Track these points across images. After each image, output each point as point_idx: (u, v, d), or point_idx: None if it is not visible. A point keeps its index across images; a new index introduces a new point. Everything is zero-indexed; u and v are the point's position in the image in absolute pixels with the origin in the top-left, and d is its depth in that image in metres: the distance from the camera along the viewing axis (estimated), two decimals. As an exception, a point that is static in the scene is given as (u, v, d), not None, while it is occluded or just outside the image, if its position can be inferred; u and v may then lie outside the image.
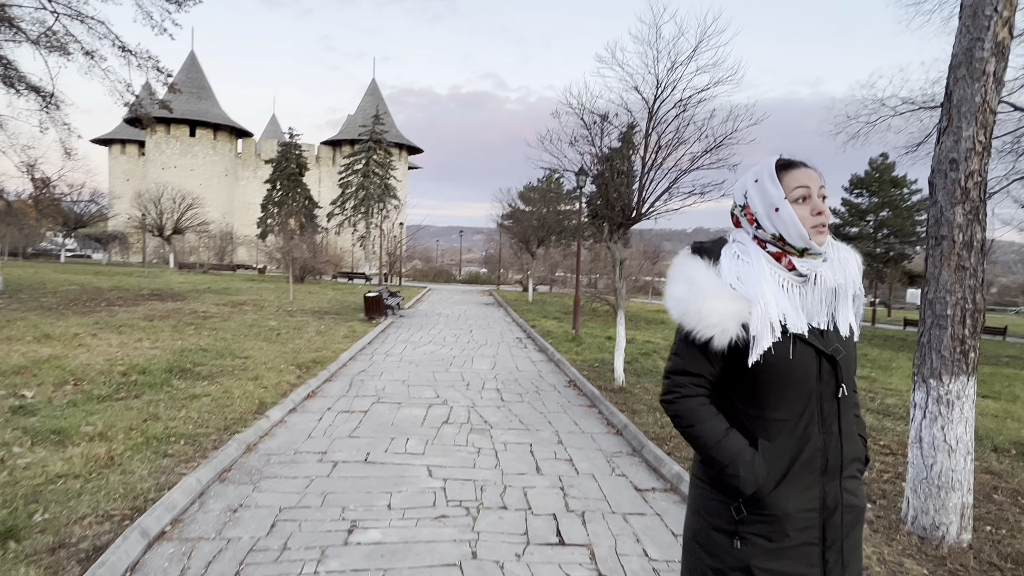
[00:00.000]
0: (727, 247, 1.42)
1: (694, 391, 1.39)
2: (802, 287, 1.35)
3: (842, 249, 1.44)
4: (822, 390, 1.32)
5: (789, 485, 1.31)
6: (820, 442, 1.32)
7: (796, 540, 1.31)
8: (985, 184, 3.45)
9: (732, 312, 1.29)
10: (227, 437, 4.78)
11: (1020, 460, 5.53)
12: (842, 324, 1.36)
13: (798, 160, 1.38)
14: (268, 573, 2.93)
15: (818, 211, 1.33)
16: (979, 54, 3.39)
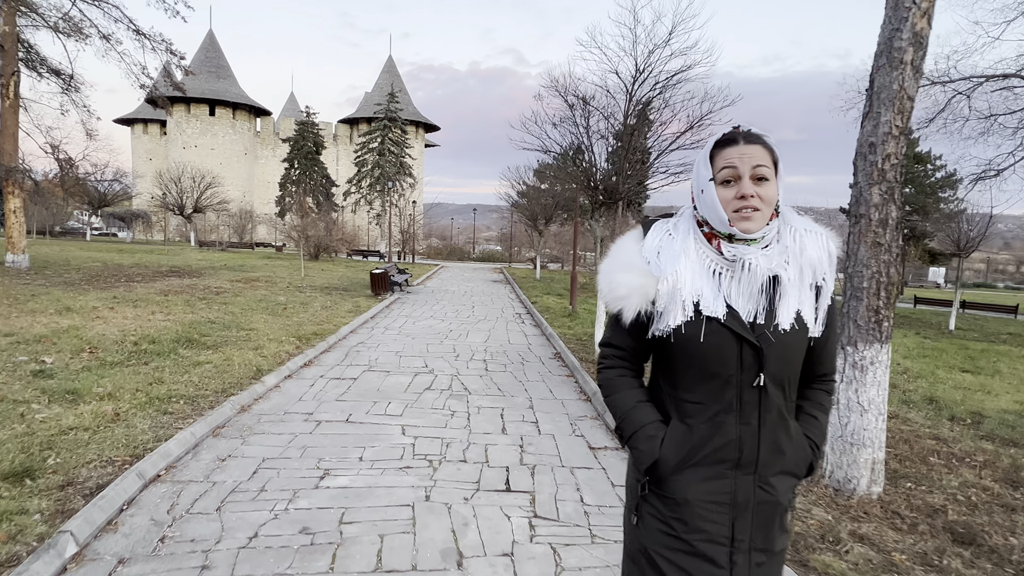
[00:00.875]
0: (661, 222, 1.38)
1: (615, 363, 1.42)
2: (731, 271, 1.27)
3: (806, 235, 1.31)
4: (742, 378, 1.25)
5: (695, 472, 1.27)
6: (735, 433, 1.26)
7: (700, 535, 1.26)
8: (902, 166, 3.71)
9: (637, 286, 1.28)
10: (223, 399, 5.27)
11: (972, 429, 5.81)
12: (783, 314, 1.26)
13: (742, 135, 1.27)
14: (244, 509, 3.39)
15: (741, 195, 1.23)
16: (898, 44, 3.63)
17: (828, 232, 1.34)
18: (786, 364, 1.28)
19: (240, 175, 64.30)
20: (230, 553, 2.92)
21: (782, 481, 1.31)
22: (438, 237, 70.38)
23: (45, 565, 2.63)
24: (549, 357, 8.47)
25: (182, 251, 32.26)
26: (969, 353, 10.93)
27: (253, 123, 67.61)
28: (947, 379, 8.28)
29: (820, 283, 1.31)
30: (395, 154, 55.03)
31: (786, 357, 1.27)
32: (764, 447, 1.27)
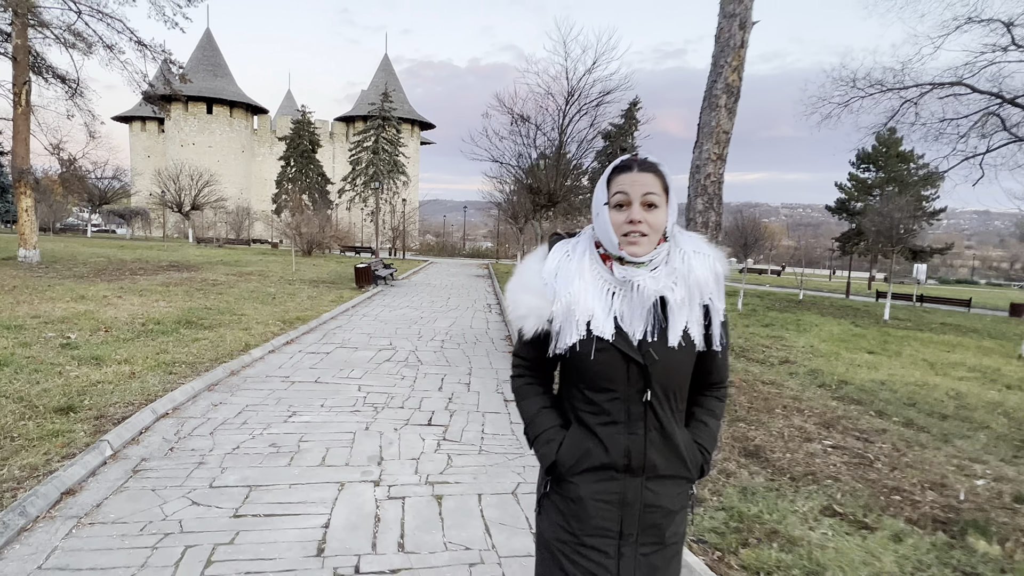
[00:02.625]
0: (562, 243, 1.45)
1: (522, 372, 1.51)
2: (622, 292, 1.35)
3: (695, 255, 1.40)
4: (629, 393, 1.33)
5: (589, 474, 1.36)
6: (623, 442, 1.34)
7: (592, 529, 1.37)
8: (721, 181, 4.98)
9: (535, 307, 1.37)
10: (216, 365, 6.53)
11: (830, 392, 7.08)
12: (671, 333, 1.33)
13: (637, 163, 1.36)
14: (230, 433, 4.65)
15: (631, 219, 1.31)
16: (715, 92, 4.89)
17: (716, 253, 1.42)
18: (672, 379, 1.35)
19: (237, 173, 65.41)
20: (218, 456, 4.18)
21: (670, 484, 1.39)
22: (433, 234, 71.48)
23: (93, 457, 3.90)
24: (501, 338, 9.75)
25: (180, 247, 33.47)
26: (886, 339, 12.21)
27: (250, 121, 68.69)
28: (846, 357, 9.56)
29: (708, 302, 1.38)
30: (389, 152, 56.20)
31: (672, 373, 1.34)
32: (651, 455, 1.35)
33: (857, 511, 3.68)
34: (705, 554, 3.07)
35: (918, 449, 5.07)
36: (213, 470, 3.94)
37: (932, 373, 8.74)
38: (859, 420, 5.87)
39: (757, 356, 9.20)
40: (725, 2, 4.91)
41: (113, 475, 3.79)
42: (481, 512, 3.54)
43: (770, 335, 11.58)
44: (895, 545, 3.26)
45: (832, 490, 4.00)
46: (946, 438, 5.47)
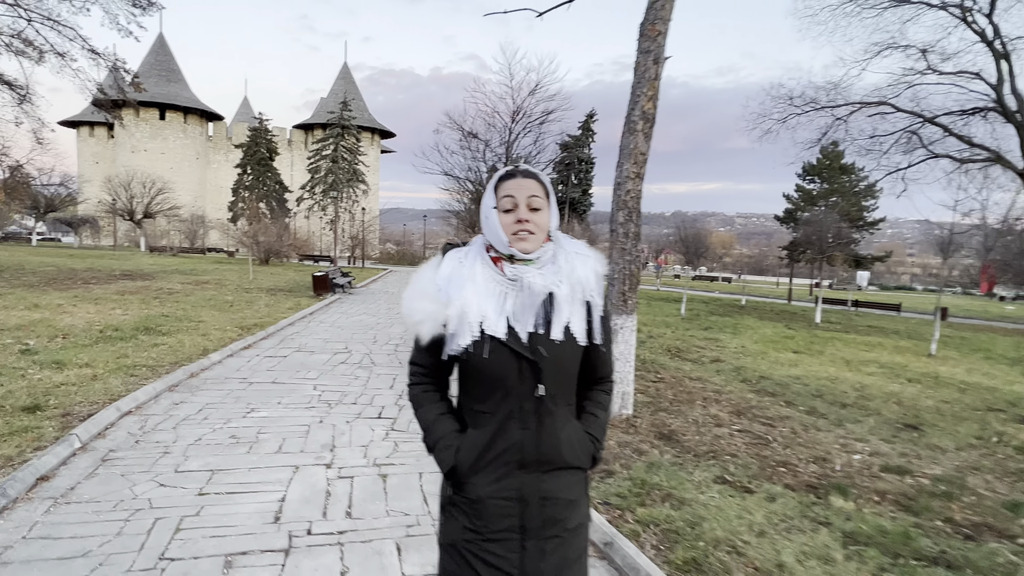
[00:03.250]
0: (454, 251, 1.52)
1: (419, 379, 1.55)
2: (512, 291, 1.42)
3: (577, 256, 1.50)
4: (521, 389, 1.39)
5: (486, 473, 1.42)
6: (517, 437, 1.40)
7: (496, 526, 1.41)
8: (639, 196, 5.62)
9: (430, 312, 1.42)
10: (177, 368, 6.84)
11: (750, 386, 7.82)
12: (556, 327, 1.41)
13: (520, 171, 1.47)
14: (192, 427, 5.03)
15: (518, 219, 1.41)
16: (633, 118, 5.55)
17: (596, 255, 1.53)
18: (561, 374, 1.43)
19: (192, 180, 64.17)
20: (182, 447, 4.57)
21: (565, 476, 1.46)
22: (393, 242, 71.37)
23: (63, 448, 4.25)
24: (453, 342, 10.24)
25: (133, 256, 32.82)
26: (813, 340, 13.18)
27: (205, 128, 67.52)
28: (772, 356, 10.40)
29: (589, 299, 1.47)
30: (348, 161, 56.05)
31: (560, 367, 1.42)
32: (544, 449, 1.42)
33: (744, 480, 4.32)
34: (608, 513, 3.65)
35: (813, 432, 5.80)
36: (177, 458, 4.33)
37: (846, 369, 9.62)
38: (768, 409, 6.59)
39: (691, 356, 9.93)
40: (642, 40, 5.58)
41: (83, 464, 4.14)
42: (421, 487, 4.04)
43: (707, 337, 12.39)
44: (768, 504, 3.91)
45: (728, 464, 4.64)
46: (840, 423, 6.22)
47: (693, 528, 3.45)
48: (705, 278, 56.28)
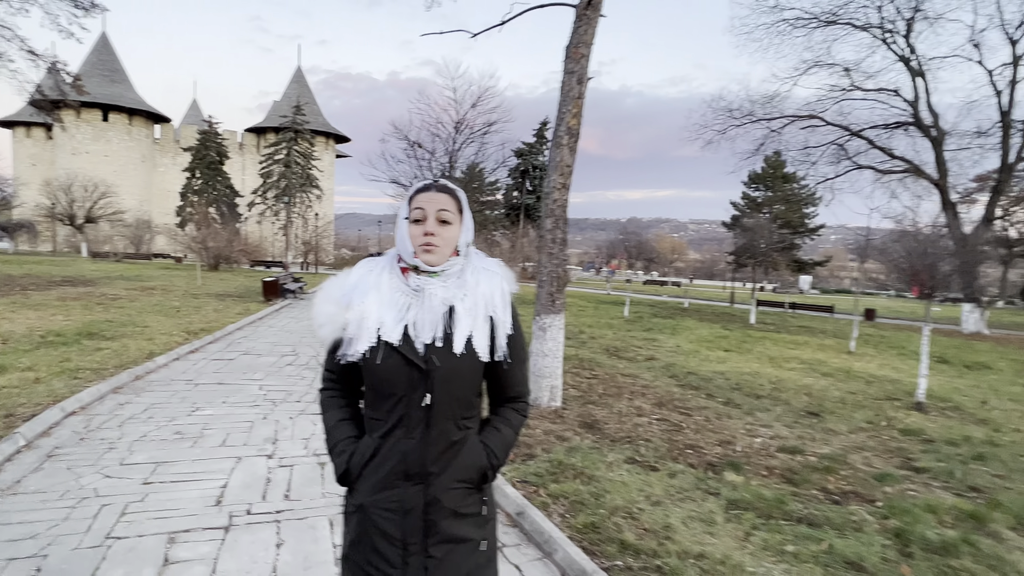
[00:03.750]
0: (368, 260, 1.55)
1: (328, 385, 1.57)
2: (414, 302, 1.44)
3: (484, 272, 1.52)
4: (412, 397, 1.39)
5: (371, 479, 1.43)
6: (402, 446, 1.41)
7: (378, 539, 1.42)
8: (565, 205, 6.10)
9: (331, 315, 1.45)
10: (121, 371, 6.96)
11: (676, 380, 8.39)
12: (457, 340, 1.42)
13: (434, 185, 1.49)
14: (138, 426, 5.23)
15: (426, 231, 1.42)
16: (559, 133, 6.03)
17: (505, 273, 1.55)
18: (455, 386, 1.42)
19: (137, 184, 62.18)
20: (127, 443, 4.78)
21: (453, 491, 1.44)
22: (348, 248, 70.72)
23: (8, 446, 4.41)
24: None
25: (74, 262, 31.76)
26: (745, 339, 13.99)
27: (151, 130, 65.55)
28: (704, 354, 11.07)
29: (492, 314, 1.49)
30: (301, 166, 55.42)
31: (455, 379, 1.41)
32: (429, 460, 1.41)
33: (652, 460, 4.82)
34: (524, 489, 4.07)
35: (725, 420, 6.37)
36: (123, 452, 4.55)
37: (769, 365, 10.35)
38: (689, 401, 7.15)
39: (628, 355, 10.51)
40: (567, 62, 6.08)
41: (29, 460, 4.33)
42: (356, 472, 4.37)
43: (645, 337, 13.03)
44: (669, 479, 4.40)
45: (640, 447, 5.14)
46: (751, 412, 6.83)
47: (597, 499, 3.91)
48: (655, 283, 57.83)
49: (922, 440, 6.04)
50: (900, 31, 20.20)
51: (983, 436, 6.31)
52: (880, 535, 3.66)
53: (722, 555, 3.25)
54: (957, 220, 20.27)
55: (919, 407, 7.54)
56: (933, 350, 13.94)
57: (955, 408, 7.78)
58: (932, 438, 6.11)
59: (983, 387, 9.67)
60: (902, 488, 4.55)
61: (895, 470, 5.01)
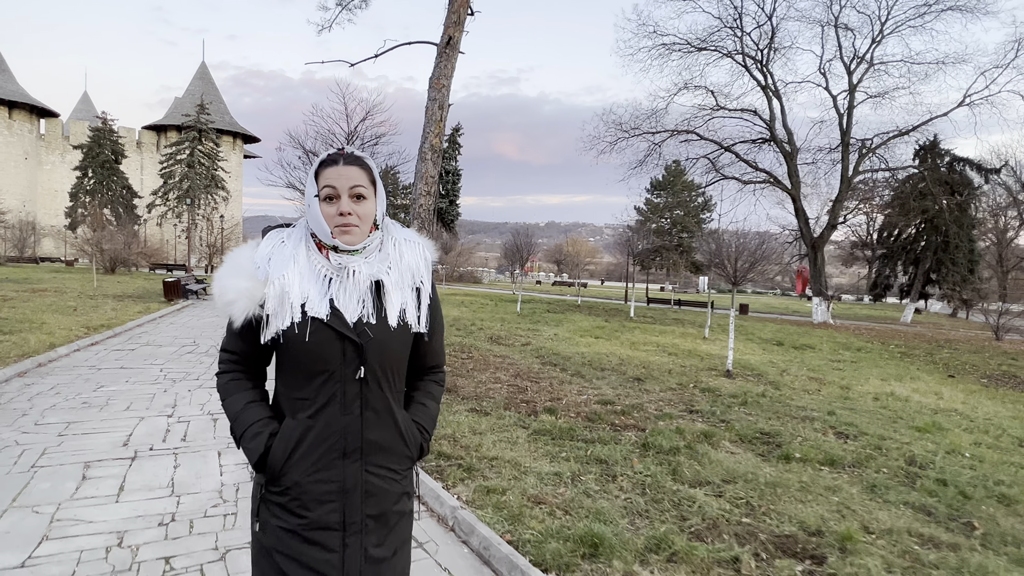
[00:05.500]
0: (276, 232, 1.45)
1: (229, 367, 1.45)
2: (338, 278, 1.36)
3: (406, 243, 1.47)
4: (345, 372, 1.33)
5: (304, 462, 1.33)
6: (340, 423, 1.34)
7: (315, 522, 1.33)
8: (431, 209, 7.35)
9: (245, 290, 1.33)
10: (24, 359, 7.53)
11: (540, 359, 9.82)
12: (389, 313, 1.38)
13: (343, 157, 1.39)
14: (46, 399, 5.97)
15: (341, 211, 1.34)
16: (424, 149, 7.27)
17: (425, 242, 1.51)
18: (388, 359, 1.38)
19: (19, 183, 57.93)
20: (39, 410, 5.56)
21: (392, 466, 1.42)
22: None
23: (-71, 413, 5.11)
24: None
25: (-52, 265, 29.69)
26: (619, 329, 15.79)
27: (36, 125, 61.22)
28: (576, 340, 12.65)
29: (419, 285, 1.46)
30: (206, 166, 53.70)
31: (388, 352, 1.37)
32: (368, 435, 1.36)
33: (488, 409, 6.15)
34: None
35: (566, 385, 7.82)
36: (36, 416, 5.35)
37: (627, 348, 12.05)
38: (543, 373, 8.59)
39: (507, 342, 11.90)
40: (430, 91, 7.34)
41: (-51, 424, 5.06)
42: (244, 424, 5.42)
43: (530, 328, 14.53)
44: (496, 420, 5.74)
45: (484, 402, 6.46)
46: (590, 379, 8.34)
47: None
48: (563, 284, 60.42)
49: (713, 395, 7.74)
50: (759, 60, 23.03)
51: (761, 392, 8.11)
52: (631, 446, 5.15)
53: (511, 459, 4.60)
54: (808, 225, 23.30)
55: (728, 374, 9.36)
56: (773, 335, 16.34)
57: (758, 375, 9.67)
58: (721, 393, 7.83)
59: (796, 362, 11.78)
60: (673, 423, 6.11)
61: (676, 412, 6.60)
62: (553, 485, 4.14)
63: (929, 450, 5.65)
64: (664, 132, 24.27)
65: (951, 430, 6.54)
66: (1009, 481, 4.88)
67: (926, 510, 4.15)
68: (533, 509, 3.69)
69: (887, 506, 4.16)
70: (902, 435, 6.19)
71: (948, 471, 4.99)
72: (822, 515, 3.83)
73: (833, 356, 13.11)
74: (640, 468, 4.56)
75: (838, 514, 3.88)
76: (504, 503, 3.76)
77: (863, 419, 6.80)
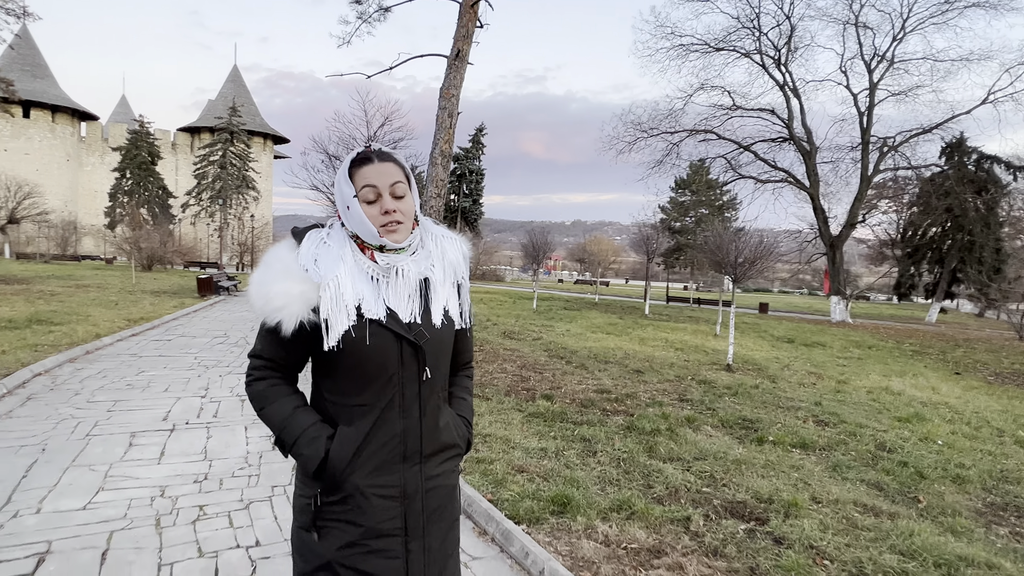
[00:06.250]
0: (316, 231, 1.39)
1: (266, 374, 1.39)
2: (386, 278, 1.34)
3: (445, 239, 1.46)
4: (404, 375, 1.32)
5: (365, 469, 1.31)
6: (399, 427, 1.33)
7: (376, 530, 1.31)
8: (440, 211, 7.88)
9: (298, 293, 1.27)
10: (74, 347, 8.30)
11: (548, 352, 10.30)
12: (436, 312, 1.37)
13: (375, 154, 1.37)
14: (95, 381, 6.67)
15: (385, 210, 1.32)
16: (434, 154, 7.81)
17: (461, 237, 1.51)
18: (440, 358, 1.39)
19: (62, 183, 60.31)
20: (89, 391, 6.25)
21: (446, 463, 1.43)
22: (287, 249, 70.28)
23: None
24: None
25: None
26: (632, 326, 16.16)
27: (77, 128, 63.64)
28: (587, 336, 13.09)
29: (460, 281, 1.46)
30: (237, 167, 55.29)
31: (441, 351, 1.39)
32: (426, 437, 1.36)
33: (490, 395, 6.66)
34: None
35: (568, 376, 8.29)
36: (87, 395, 6.04)
37: (635, 343, 12.45)
38: (548, 365, 9.07)
39: (520, 337, 12.41)
40: (441, 100, 7.87)
41: (13, 401, 5.76)
42: (268, 404, 6.04)
43: (544, 324, 15.02)
44: (496, 404, 6.25)
45: (487, 389, 6.97)
46: (592, 371, 8.79)
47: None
48: (585, 282, 60.59)
49: (708, 386, 8.13)
50: (778, 58, 23.09)
51: (754, 384, 8.47)
52: (616, 428, 5.61)
53: (503, 436, 5.11)
54: (827, 223, 23.29)
55: (728, 368, 9.72)
56: (786, 333, 16.54)
57: (758, 369, 10.01)
58: (716, 385, 8.22)
59: (801, 358, 12.05)
60: (661, 409, 6.55)
61: (667, 400, 7.03)
62: (537, 458, 4.63)
63: (903, 437, 6.00)
64: (682, 132, 24.49)
65: (931, 420, 6.85)
66: (969, 464, 5.22)
67: (879, 486, 4.55)
68: (515, 476, 4.20)
69: (843, 482, 4.57)
70: (881, 424, 6.54)
71: (913, 455, 5.35)
72: (778, 487, 4.25)
73: (841, 353, 13.32)
74: (619, 446, 5.03)
75: (793, 487, 4.30)
76: (491, 471, 4.27)
77: (847, 410, 7.14)
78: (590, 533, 3.40)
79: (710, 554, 3.24)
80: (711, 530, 3.52)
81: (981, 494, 4.58)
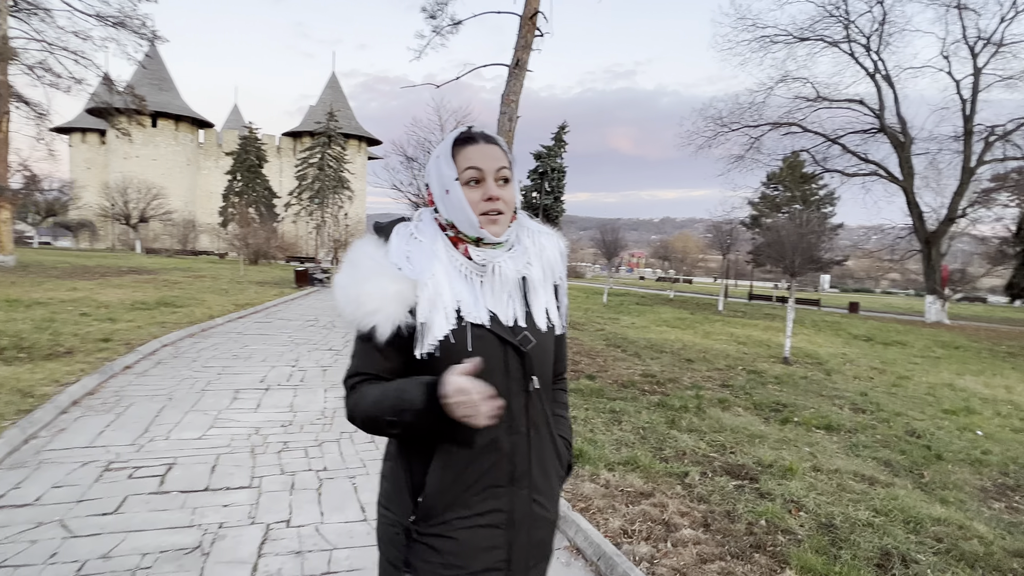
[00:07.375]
0: (403, 225, 1.23)
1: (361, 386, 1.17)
2: (482, 276, 1.18)
3: (542, 235, 1.30)
4: (509, 385, 1.15)
5: (469, 496, 1.15)
6: (507, 445, 1.16)
7: (477, 565, 1.15)
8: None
9: (393, 293, 1.11)
10: (192, 325, 9.76)
11: (607, 342, 10.81)
12: (537, 315, 1.22)
13: (480, 135, 1.20)
14: (208, 351, 7.95)
15: (489, 197, 1.16)
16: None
17: (558, 234, 1.35)
18: (545, 365, 1.23)
19: (183, 185, 66.70)
20: (204, 359, 7.50)
21: (552, 489, 1.26)
22: (378, 246, 73.82)
23: (133, 356, 7.18)
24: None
25: (132, 257, 35.54)
26: (700, 321, 16.22)
27: (196, 135, 70.08)
28: (650, 329, 13.43)
29: (558, 281, 1.30)
30: (334, 168, 58.91)
31: (545, 358, 1.23)
32: (535, 456, 1.20)
33: (539, 374, 7.31)
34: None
35: (618, 362, 8.79)
36: (202, 362, 7.28)
37: (697, 336, 12.66)
38: (603, 352, 9.60)
39: (584, 328, 12.95)
40: (502, 105, 8.59)
41: (147, 364, 7.07)
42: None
43: (611, 317, 15.45)
44: (542, 381, 6.89)
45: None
46: (643, 359, 9.23)
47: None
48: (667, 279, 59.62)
49: (756, 375, 8.36)
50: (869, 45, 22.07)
51: (804, 375, 8.60)
52: (647, 405, 6.11)
53: (540, 405, 5.76)
54: (921, 219, 22.02)
55: (785, 361, 9.83)
56: (866, 332, 16.03)
57: (818, 363, 10.03)
58: (765, 375, 8.43)
59: (871, 355, 11.82)
60: (699, 391, 6.94)
61: (709, 385, 7.39)
62: (566, 423, 5.25)
63: (939, 426, 6.10)
64: (765, 125, 23.93)
65: (981, 413, 6.81)
66: (998, 452, 5.31)
67: (887, 463, 4.81)
68: (542, 435, 4.85)
69: (853, 458, 4.86)
70: (923, 414, 6.61)
71: (941, 440, 5.50)
72: (783, 456, 4.64)
73: (920, 353, 12.86)
74: (645, 418, 5.55)
75: (799, 458, 4.67)
76: (521, 430, 4.94)
77: (894, 401, 7.21)
78: (594, 478, 4.00)
79: (695, 500, 3.75)
80: (703, 484, 4.02)
81: (995, 476, 4.73)
